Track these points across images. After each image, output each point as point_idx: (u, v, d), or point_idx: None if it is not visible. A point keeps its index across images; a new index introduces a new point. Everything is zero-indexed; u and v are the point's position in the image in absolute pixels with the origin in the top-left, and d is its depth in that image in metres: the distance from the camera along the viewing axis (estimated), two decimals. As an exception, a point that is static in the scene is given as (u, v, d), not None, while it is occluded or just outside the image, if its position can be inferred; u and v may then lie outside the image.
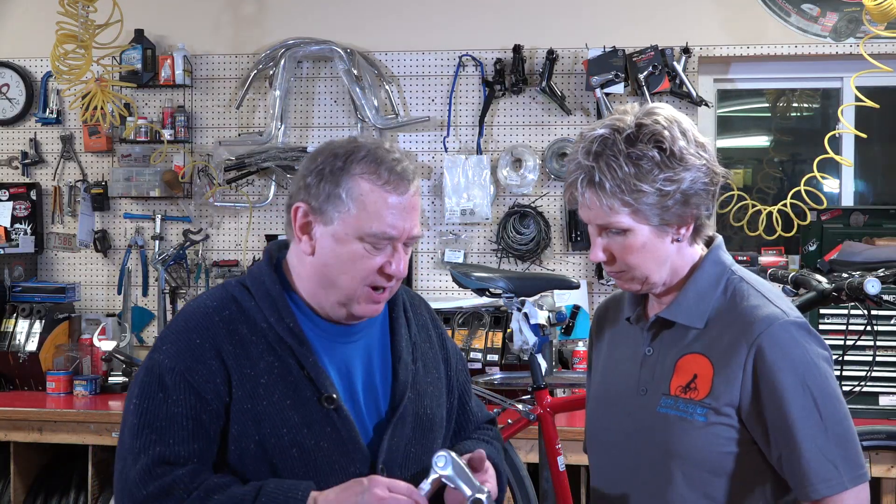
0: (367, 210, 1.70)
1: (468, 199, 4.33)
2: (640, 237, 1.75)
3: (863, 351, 3.31)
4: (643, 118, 1.74)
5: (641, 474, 1.80)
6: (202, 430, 1.69)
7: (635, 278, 1.79)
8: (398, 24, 4.47)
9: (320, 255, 1.74)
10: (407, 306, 1.92)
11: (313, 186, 1.73)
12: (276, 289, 1.77)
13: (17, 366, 4.16)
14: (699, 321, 1.78)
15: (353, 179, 1.71)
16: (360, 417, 1.78)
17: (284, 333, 1.74)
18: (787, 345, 1.70)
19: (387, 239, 1.72)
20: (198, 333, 1.73)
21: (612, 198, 1.72)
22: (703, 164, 1.74)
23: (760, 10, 4.26)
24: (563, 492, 3.18)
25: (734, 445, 1.73)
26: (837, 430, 1.70)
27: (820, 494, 1.68)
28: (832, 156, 3.93)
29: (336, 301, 1.76)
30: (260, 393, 1.71)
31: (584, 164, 1.74)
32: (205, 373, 1.70)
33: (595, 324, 2.03)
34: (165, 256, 4.46)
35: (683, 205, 1.73)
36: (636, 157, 1.70)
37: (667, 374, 1.79)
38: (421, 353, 1.89)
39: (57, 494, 4.01)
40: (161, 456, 1.65)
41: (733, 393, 1.71)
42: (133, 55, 4.47)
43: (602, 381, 1.94)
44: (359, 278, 1.73)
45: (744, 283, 1.80)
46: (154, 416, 1.68)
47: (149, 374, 1.73)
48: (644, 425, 1.79)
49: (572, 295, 4.18)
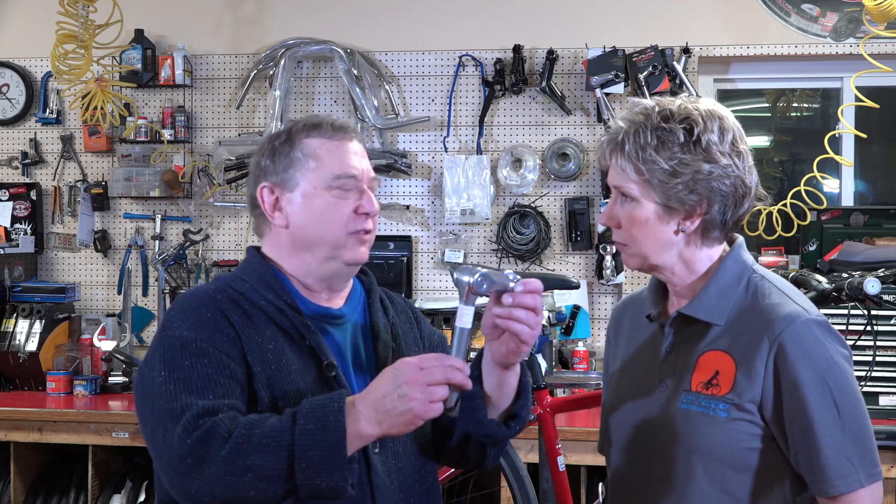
0: (326, 158, 1.83)
1: (468, 199, 4.33)
2: (644, 211, 1.78)
3: (863, 351, 3.31)
4: (690, 104, 1.80)
5: (661, 469, 1.81)
6: (237, 387, 1.71)
7: (635, 254, 1.82)
8: (398, 24, 4.47)
9: (296, 221, 1.84)
10: (383, 296, 2.00)
11: (269, 166, 1.86)
12: (267, 272, 1.85)
13: (17, 366, 4.16)
14: (720, 318, 1.79)
15: (303, 141, 1.85)
16: (353, 390, 1.82)
17: (283, 307, 1.80)
18: (808, 343, 1.71)
19: (351, 178, 1.83)
20: (205, 307, 1.77)
21: (626, 160, 1.77)
22: (728, 166, 1.76)
23: (760, 10, 4.26)
24: (563, 492, 3.18)
25: (755, 441, 1.74)
26: (855, 427, 1.71)
27: (837, 491, 1.70)
28: (832, 156, 3.93)
29: (324, 257, 1.84)
30: (269, 358, 1.75)
31: (617, 126, 1.81)
32: (224, 339, 1.74)
33: (613, 323, 2.05)
34: (165, 256, 4.46)
35: (689, 191, 1.75)
36: (662, 132, 1.76)
37: (688, 371, 1.80)
38: (401, 332, 1.96)
39: (57, 494, 4.01)
40: (205, 408, 1.64)
41: (755, 389, 1.73)
42: (133, 55, 4.47)
43: (621, 378, 1.95)
44: (338, 225, 1.82)
45: (765, 281, 1.81)
46: (187, 380, 1.68)
47: (169, 348, 1.73)
48: (664, 421, 1.81)
49: (572, 295, 4.18)
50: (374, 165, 4.23)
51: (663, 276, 1.85)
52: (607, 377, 2.02)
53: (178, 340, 1.73)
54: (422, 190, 4.46)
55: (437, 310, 4.09)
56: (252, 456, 1.58)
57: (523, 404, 1.85)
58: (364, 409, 1.62)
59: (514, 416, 1.85)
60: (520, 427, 1.86)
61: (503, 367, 1.78)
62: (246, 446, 1.58)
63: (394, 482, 1.82)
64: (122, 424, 3.75)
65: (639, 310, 1.95)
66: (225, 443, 1.59)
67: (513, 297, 1.68)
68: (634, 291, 2.03)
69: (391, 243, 4.41)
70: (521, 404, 1.85)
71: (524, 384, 1.85)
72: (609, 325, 2.07)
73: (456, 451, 1.89)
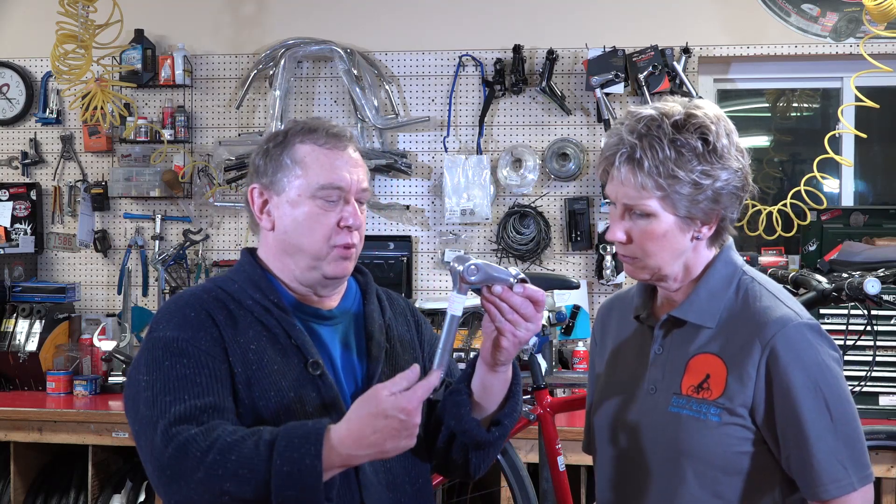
0: (313, 167, 1.82)
1: (468, 199, 4.33)
2: (663, 225, 1.75)
3: (863, 351, 3.31)
4: (693, 109, 1.76)
5: (650, 473, 1.80)
6: (216, 384, 1.72)
7: (647, 267, 1.79)
8: (398, 24, 4.47)
9: (280, 225, 1.84)
10: (381, 296, 1.99)
11: (261, 167, 1.86)
12: (257, 272, 1.86)
13: (17, 366, 4.16)
14: (711, 321, 1.78)
15: (294, 147, 1.84)
16: (342, 391, 1.83)
17: (269, 305, 1.81)
18: (800, 347, 1.71)
19: (336, 189, 1.81)
20: (190, 307, 1.79)
21: (647, 177, 1.72)
22: (739, 168, 1.76)
23: (760, 10, 4.26)
24: (563, 492, 3.18)
25: (747, 445, 1.74)
26: (847, 431, 1.71)
27: (830, 495, 1.69)
28: (832, 156, 3.93)
29: (306, 266, 1.84)
30: (250, 358, 1.77)
31: (626, 140, 1.74)
32: (207, 339, 1.76)
33: (599, 322, 2.03)
34: (165, 256, 4.46)
35: (714, 202, 1.74)
36: (680, 144, 1.71)
37: (678, 374, 1.79)
38: (397, 334, 1.96)
39: (57, 494, 4.01)
40: (177, 415, 1.66)
41: (747, 394, 1.72)
42: (133, 55, 4.47)
43: (607, 379, 1.94)
44: (320, 237, 1.82)
45: (755, 283, 1.80)
46: (166, 382, 1.71)
47: (152, 350, 1.76)
48: (654, 424, 1.80)
49: (572, 295, 4.18)
50: (374, 165, 4.28)
51: (665, 284, 1.83)
52: (593, 377, 2.00)
53: (161, 341, 1.76)
54: (422, 190, 4.46)
55: (437, 310, 4.08)
56: (228, 482, 1.60)
57: (508, 412, 1.85)
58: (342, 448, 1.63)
59: (498, 423, 1.84)
60: (500, 434, 1.85)
61: (490, 367, 1.78)
62: (222, 472, 1.60)
63: (382, 483, 1.83)
64: (122, 424, 3.74)
65: (626, 310, 1.94)
66: (200, 464, 1.61)
67: (504, 292, 1.69)
68: (620, 290, 2.00)
69: (391, 243, 4.41)
70: (505, 412, 1.85)
71: (514, 393, 1.85)
72: (595, 324, 2.05)
73: (442, 453, 1.89)
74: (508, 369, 1.81)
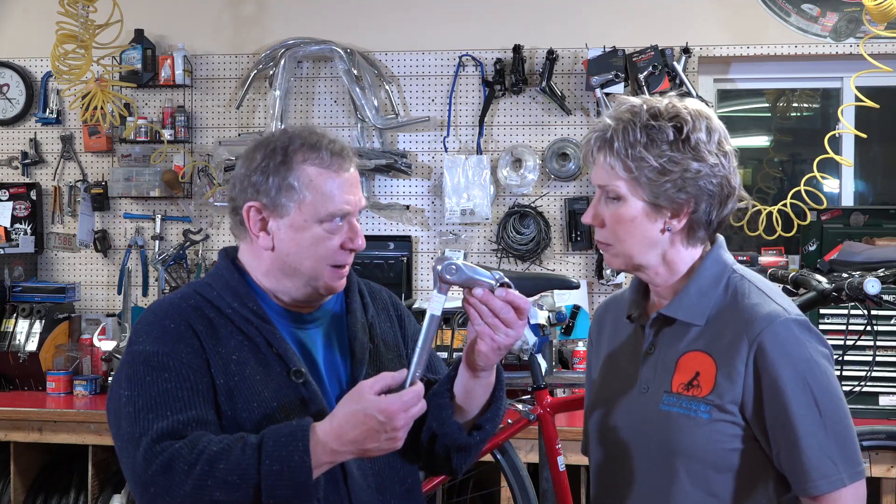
0: (321, 192, 1.79)
1: (468, 199, 4.33)
2: (631, 209, 1.77)
3: (863, 351, 3.31)
4: (677, 103, 1.80)
5: (644, 472, 1.81)
6: (198, 398, 1.72)
7: (620, 254, 1.81)
8: (398, 24, 4.47)
9: (281, 247, 1.81)
10: (364, 293, 1.98)
11: (261, 184, 1.80)
12: (234, 278, 1.84)
13: (17, 366, 4.16)
14: (700, 318, 1.78)
15: (299, 168, 1.79)
16: (325, 393, 1.83)
17: (249, 315, 1.80)
18: (788, 342, 1.71)
19: (343, 215, 1.80)
20: (169, 318, 1.78)
21: (615, 158, 1.75)
22: (715, 165, 1.76)
23: (760, 10, 4.26)
24: (563, 492, 3.18)
25: (737, 442, 1.74)
26: (837, 427, 1.71)
27: (819, 490, 1.69)
28: (832, 156, 3.93)
29: (302, 284, 1.83)
30: (232, 369, 1.76)
31: (605, 124, 1.79)
32: (188, 351, 1.75)
33: (595, 324, 2.04)
34: (165, 256, 4.47)
35: (678, 190, 1.74)
36: (651, 129, 1.75)
37: (668, 372, 1.79)
38: (380, 332, 1.95)
39: (57, 494, 4.01)
40: (160, 431, 1.66)
41: (736, 390, 1.72)
42: (133, 55, 4.47)
43: (602, 380, 1.94)
44: (323, 259, 1.81)
45: (745, 280, 1.81)
46: (147, 398, 1.70)
47: (132, 364, 1.75)
48: (646, 423, 1.80)
49: (572, 295, 4.18)
50: (374, 165, 4.28)
51: (646, 276, 1.84)
52: (590, 378, 2.01)
53: (141, 355, 1.75)
54: (422, 190, 4.46)
55: (436, 310, 4.08)
56: (217, 492, 1.61)
57: (490, 418, 1.84)
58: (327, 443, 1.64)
59: (479, 427, 1.84)
60: (481, 438, 1.85)
61: (471, 369, 1.77)
62: (210, 482, 1.60)
63: (371, 485, 1.83)
64: (122, 424, 3.74)
65: (620, 310, 1.95)
66: (187, 477, 1.61)
67: (484, 294, 1.69)
68: (616, 292, 2.02)
69: (391, 243, 4.41)
70: (487, 416, 1.84)
71: (496, 398, 1.84)
72: (591, 325, 2.06)
73: (426, 450, 1.88)
74: (491, 374, 1.80)
